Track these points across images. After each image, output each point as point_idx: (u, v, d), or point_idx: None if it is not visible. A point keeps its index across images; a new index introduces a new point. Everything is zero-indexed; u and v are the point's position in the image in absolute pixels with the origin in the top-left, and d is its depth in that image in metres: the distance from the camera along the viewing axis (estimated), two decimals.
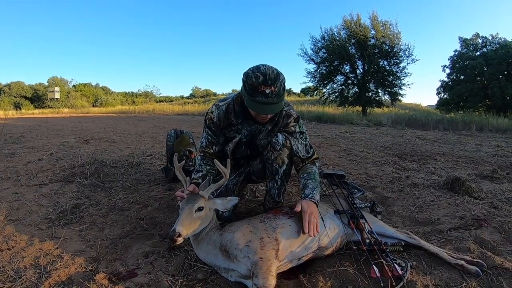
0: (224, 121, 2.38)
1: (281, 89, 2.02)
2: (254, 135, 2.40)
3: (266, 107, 2.03)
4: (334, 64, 21.61)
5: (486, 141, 8.78)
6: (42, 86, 47.85)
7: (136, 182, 3.93)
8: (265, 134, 2.39)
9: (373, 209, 2.51)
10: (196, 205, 1.92)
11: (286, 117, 2.38)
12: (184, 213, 1.88)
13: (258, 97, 1.98)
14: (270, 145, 2.35)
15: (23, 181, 3.92)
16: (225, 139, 2.48)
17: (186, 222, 1.84)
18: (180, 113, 26.55)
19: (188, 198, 1.97)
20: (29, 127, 11.81)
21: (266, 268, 1.72)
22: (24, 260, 2.10)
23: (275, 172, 2.40)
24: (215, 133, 2.44)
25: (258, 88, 1.96)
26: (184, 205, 1.93)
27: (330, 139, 8.86)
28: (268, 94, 1.97)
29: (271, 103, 2.01)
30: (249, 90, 2.00)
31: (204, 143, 2.48)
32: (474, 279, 1.82)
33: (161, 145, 7.01)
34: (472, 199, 3.27)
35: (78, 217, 2.85)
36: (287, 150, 2.35)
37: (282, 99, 2.08)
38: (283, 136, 2.35)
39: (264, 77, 1.95)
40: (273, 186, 2.47)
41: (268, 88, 1.96)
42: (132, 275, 1.94)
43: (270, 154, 2.36)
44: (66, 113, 28.25)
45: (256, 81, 1.95)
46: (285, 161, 2.37)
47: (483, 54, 25.43)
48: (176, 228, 1.78)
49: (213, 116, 2.39)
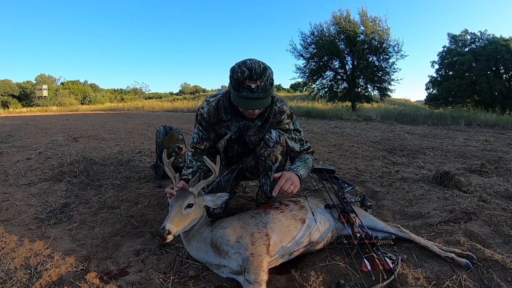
0: (214, 117, 2.38)
1: (268, 84, 2.00)
2: (243, 131, 2.36)
3: (252, 102, 2.01)
4: (323, 59, 21.57)
5: (475, 136, 8.87)
6: (30, 84, 47.26)
7: (126, 180, 3.91)
8: (254, 130, 2.35)
9: (363, 204, 2.53)
10: (186, 201, 1.92)
11: (279, 114, 2.37)
12: (174, 210, 1.88)
13: (243, 92, 1.97)
14: (263, 141, 2.32)
15: (12, 180, 3.87)
16: (216, 135, 2.47)
17: (175, 219, 1.84)
18: (169, 109, 26.36)
19: (177, 195, 1.96)
20: (17, 126, 11.65)
21: (258, 264, 1.72)
22: (14, 261, 2.08)
23: (268, 168, 2.38)
24: (205, 129, 2.44)
25: (244, 83, 1.95)
26: (173, 202, 1.93)
27: (320, 134, 8.88)
28: (254, 89, 1.95)
29: (257, 98, 2.00)
30: (235, 85, 2.00)
31: (195, 139, 2.47)
32: (464, 272, 1.84)
33: (150, 142, 6.97)
34: (461, 192, 3.30)
35: (68, 216, 2.83)
36: (280, 147, 2.33)
37: (269, 94, 2.05)
38: (276, 132, 2.32)
39: (249, 71, 1.94)
40: (265, 182, 2.45)
41: (253, 83, 1.94)
42: (124, 274, 1.93)
43: (263, 151, 2.33)
44: (55, 111, 27.92)
45: (241, 75, 1.94)
46: (278, 158, 2.35)
47: (472, 50, 25.75)
48: (165, 225, 1.78)
49: (204, 112, 2.39)
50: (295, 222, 2.06)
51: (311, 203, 2.25)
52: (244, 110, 2.16)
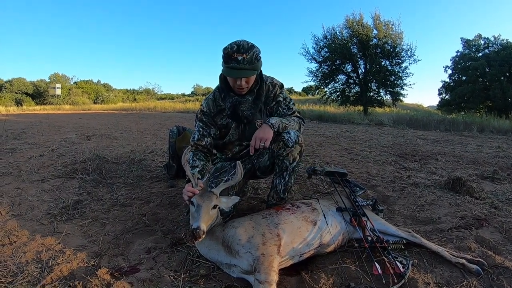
0: (214, 108, 2.57)
1: (254, 58, 2.23)
2: (236, 106, 2.47)
3: (238, 72, 2.23)
4: (336, 63, 21.54)
5: (487, 142, 8.77)
6: (43, 83, 47.69)
7: (138, 179, 3.94)
8: (247, 105, 2.48)
9: (375, 207, 2.52)
10: (212, 203, 1.95)
11: (272, 87, 2.58)
12: (203, 210, 1.88)
13: (232, 63, 2.21)
14: (282, 141, 2.41)
15: (25, 176, 3.94)
16: (217, 130, 2.61)
17: (205, 219, 1.86)
18: (181, 110, 26.49)
19: (201, 195, 1.98)
20: (30, 123, 11.82)
21: (268, 264, 1.73)
22: (26, 255, 2.10)
23: (285, 168, 2.47)
24: (206, 124, 2.58)
25: (232, 56, 2.19)
26: (200, 202, 1.93)
27: (332, 138, 8.85)
28: (240, 60, 2.19)
29: (243, 69, 2.22)
30: (224, 58, 2.25)
31: (196, 137, 2.58)
32: (474, 278, 1.82)
33: (162, 142, 7.02)
34: (473, 199, 3.26)
35: (80, 212, 2.87)
36: (299, 147, 2.43)
37: (255, 67, 2.27)
38: (295, 133, 2.43)
39: (237, 46, 2.20)
40: (280, 182, 2.51)
41: (240, 55, 2.19)
42: (135, 271, 1.95)
43: (282, 151, 2.42)
44: (67, 110, 28.24)
45: (230, 50, 2.20)
46: (296, 158, 2.46)
47: (485, 55, 25.44)
48: (200, 225, 1.79)
49: (203, 107, 2.59)
50: (306, 224, 2.06)
51: (323, 205, 2.25)
52: (234, 84, 2.35)
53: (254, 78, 2.41)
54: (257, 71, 2.34)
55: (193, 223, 1.84)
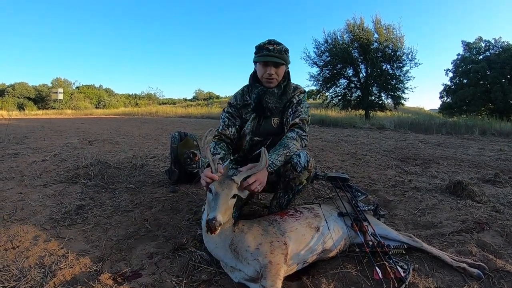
0: (241, 101, 2.65)
1: (283, 51, 2.45)
2: (261, 96, 2.52)
3: (268, 57, 2.40)
4: (337, 67, 21.59)
5: (489, 145, 8.78)
6: (45, 87, 47.91)
7: (140, 184, 3.95)
8: (273, 99, 2.53)
9: (376, 212, 2.52)
10: (232, 191, 1.84)
11: (294, 89, 2.62)
12: (222, 199, 1.77)
13: (263, 52, 2.42)
14: (290, 164, 2.35)
15: (27, 181, 3.95)
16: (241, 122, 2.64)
17: (223, 209, 1.74)
18: (183, 115, 26.56)
19: (221, 182, 1.86)
20: (32, 127, 11.87)
21: (275, 272, 1.72)
22: (28, 260, 2.11)
23: (290, 188, 2.44)
24: (232, 115, 2.63)
25: (264, 46, 2.42)
26: (219, 190, 1.80)
27: (333, 142, 8.87)
28: (271, 49, 2.40)
29: (272, 56, 2.40)
30: (257, 50, 2.47)
31: (221, 127, 2.61)
32: (476, 282, 1.83)
33: (164, 147, 7.05)
34: (475, 202, 3.27)
35: (82, 217, 2.87)
36: (307, 173, 2.38)
37: (284, 58, 2.45)
38: (305, 157, 2.36)
39: (269, 40, 2.45)
40: (283, 196, 2.49)
41: (271, 46, 2.41)
42: (137, 276, 1.95)
43: (289, 173, 2.37)
44: (69, 115, 28.35)
45: (262, 43, 2.45)
46: (303, 182, 2.42)
47: (486, 58, 25.46)
48: (216, 216, 1.66)
49: (231, 100, 2.70)
50: (310, 230, 2.05)
51: (324, 210, 2.25)
52: (263, 73, 2.47)
53: (283, 72, 2.53)
54: (286, 63, 2.50)
55: (209, 213, 1.71)
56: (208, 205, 1.85)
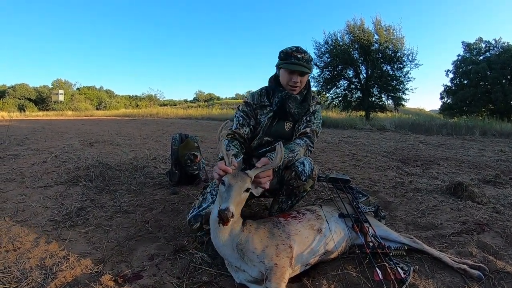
0: (257, 101, 2.64)
1: (310, 60, 2.45)
2: (285, 100, 2.52)
3: (297, 66, 2.40)
4: (337, 69, 21.59)
5: (490, 145, 8.78)
6: (46, 89, 47.89)
7: (141, 185, 3.95)
8: (296, 104, 2.56)
9: (377, 214, 2.52)
10: (246, 184, 1.77)
11: (312, 98, 2.66)
12: (235, 191, 1.69)
13: (291, 59, 2.40)
14: (294, 172, 2.34)
15: (28, 182, 3.96)
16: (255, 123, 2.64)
17: (236, 201, 1.67)
18: (183, 117, 26.58)
19: (234, 175, 1.79)
20: (33, 129, 11.87)
21: (280, 275, 1.71)
22: (29, 261, 2.11)
23: (293, 195, 2.45)
24: (247, 114, 2.62)
25: (292, 54, 2.40)
26: (232, 182, 1.74)
27: (334, 143, 8.87)
28: (300, 58, 2.39)
29: (302, 65, 2.40)
30: (283, 56, 2.45)
31: (235, 126, 2.59)
32: (476, 283, 1.83)
33: (165, 149, 7.05)
34: (475, 204, 3.27)
35: (83, 219, 2.87)
36: (311, 181, 2.40)
37: (310, 67, 2.48)
38: (310, 165, 2.36)
39: (296, 48, 2.43)
40: (286, 202, 2.49)
41: (300, 54, 2.40)
42: (138, 277, 1.95)
43: (293, 181, 2.36)
44: (70, 116, 28.39)
45: (290, 49, 2.43)
46: (307, 190, 2.44)
47: (487, 59, 25.43)
48: (229, 206, 1.59)
49: (247, 99, 2.70)
50: (312, 232, 2.05)
51: (326, 211, 2.24)
52: (289, 81, 2.49)
53: (305, 81, 2.57)
54: (311, 72, 2.54)
55: (221, 204, 1.64)
56: (220, 197, 1.79)
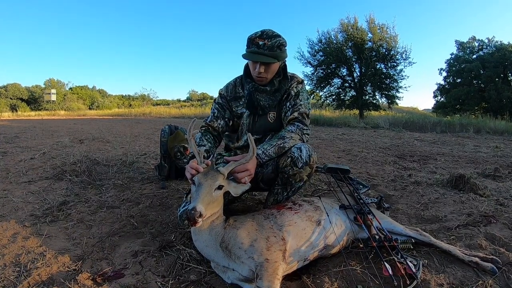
0: (232, 93, 2.52)
1: (275, 46, 2.17)
2: (252, 92, 2.39)
3: (255, 55, 2.18)
4: (331, 67, 21.58)
5: (484, 142, 8.81)
6: (38, 88, 47.46)
7: (129, 180, 3.81)
8: (266, 96, 2.39)
9: (380, 205, 2.37)
10: (217, 182, 1.67)
11: (291, 78, 2.45)
12: (204, 189, 1.61)
13: (252, 47, 2.19)
14: (290, 158, 2.17)
15: (12, 178, 3.79)
16: (231, 115, 2.53)
17: (206, 200, 1.58)
18: (177, 116, 26.45)
19: (206, 173, 1.71)
20: (24, 128, 11.66)
21: (273, 271, 1.56)
22: (4, 258, 1.97)
23: (289, 185, 2.27)
24: (222, 106, 2.52)
25: (254, 40, 2.18)
26: (202, 180, 1.66)
27: (328, 140, 8.82)
28: (261, 45, 2.16)
29: (261, 54, 2.17)
30: (247, 43, 2.23)
31: (210, 118, 2.51)
32: (490, 277, 1.70)
33: (156, 146, 6.89)
34: (478, 196, 3.18)
35: (65, 214, 2.72)
36: (309, 169, 2.21)
37: (275, 55, 2.19)
38: (307, 151, 2.19)
39: (261, 32, 2.19)
40: (281, 193, 2.33)
41: (262, 41, 2.16)
42: (119, 276, 1.80)
43: (289, 169, 2.18)
44: (63, 115, 28.12)
45: (254, 35, 2.19)
46: (303, 179, 2.25)
47: (480, 57, 25.66)
48: (196, 206, 1.50)
49: (222, 90, 2.56)
50: (311, 224, 1.89)
51: (325, 203, 2.09)
52: (253, 70, 2.29)
53: (275, 70, 2.32)
54: (278, 60, 2.23)
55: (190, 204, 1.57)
56: (192, 197, 1.71)
